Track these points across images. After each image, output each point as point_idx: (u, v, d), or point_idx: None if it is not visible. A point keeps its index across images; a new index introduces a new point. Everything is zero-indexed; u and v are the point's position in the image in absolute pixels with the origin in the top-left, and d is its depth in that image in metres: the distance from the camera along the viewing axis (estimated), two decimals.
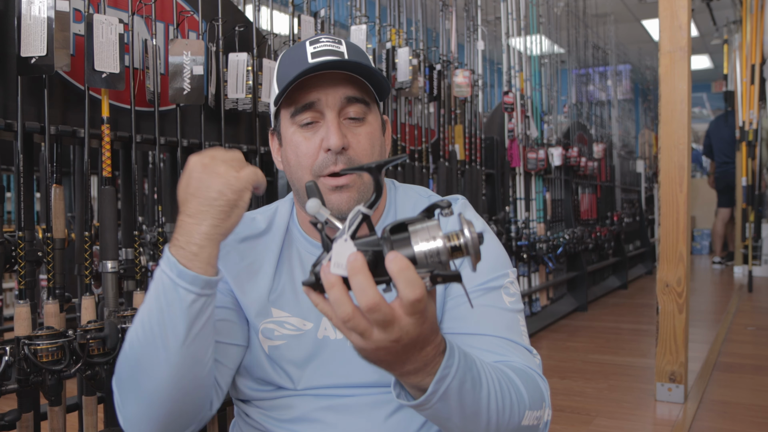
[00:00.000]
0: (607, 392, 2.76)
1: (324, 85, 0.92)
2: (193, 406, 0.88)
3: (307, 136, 0.93)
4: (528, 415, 0.83)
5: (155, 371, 0.83)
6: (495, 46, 4.44)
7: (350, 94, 0.93)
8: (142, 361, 0.83)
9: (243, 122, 1.91)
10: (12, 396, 1.33)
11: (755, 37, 5.65)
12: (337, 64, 0.91)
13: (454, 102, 3.29)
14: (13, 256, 1.35)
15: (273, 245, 1.01)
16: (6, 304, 4.03)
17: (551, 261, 4.22)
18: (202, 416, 0.92)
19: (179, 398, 0.85)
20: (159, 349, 0.82)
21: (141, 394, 0.85)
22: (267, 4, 2.05)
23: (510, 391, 0.81)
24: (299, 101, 0.93)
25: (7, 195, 3.91)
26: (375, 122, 0.97)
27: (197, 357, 0.84)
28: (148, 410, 0.85)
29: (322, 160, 0.92)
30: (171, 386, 0.83)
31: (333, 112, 0.92)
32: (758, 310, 4.83)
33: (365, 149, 0.94)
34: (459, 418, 0.76)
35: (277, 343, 0.96)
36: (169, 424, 0.87)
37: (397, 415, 0.93)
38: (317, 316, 0.96)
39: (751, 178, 5.82)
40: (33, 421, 1.39)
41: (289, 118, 0.95)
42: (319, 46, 0.94)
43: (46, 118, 1.39)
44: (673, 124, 2.58)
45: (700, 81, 11.28)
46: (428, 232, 0.64)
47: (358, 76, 0.93)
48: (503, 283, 0.94)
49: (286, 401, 0.96)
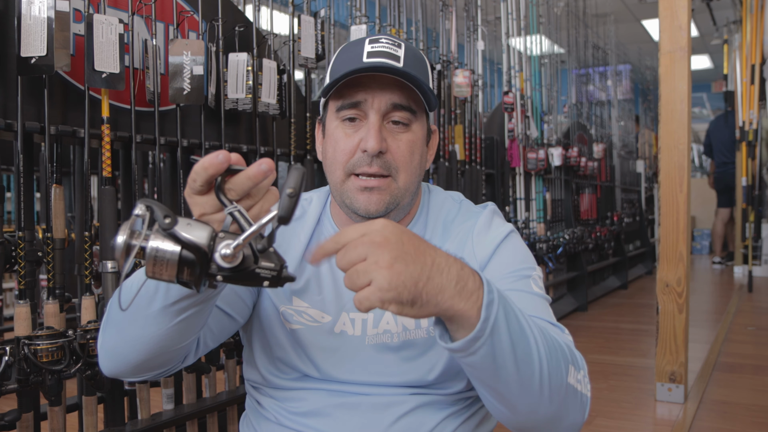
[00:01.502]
0: (607, 392, 2.76)
1: (373, 86, 0.92)
2: (167, 360, 0.89)
3: (348, 132, 0.94)
4: (571, 371, 0.78)
5: (138, 325, 0.82)
6: (495, 46, 4.43)
7: (397, 101, 0.92)
8: (129, 311, 0.82)
9: (243, 122, 1.91)
10: (12, 396, 1.33)
11: (755, 37, 5.65)
12: (387, 69, 0.90)
13: (454, 102, 3.29)
14: (13, 256, 1.35)
15: (302, 234, 1.01)
16: (6, 304, 4.03)
17: (551, 261, 4.21)
18: (173, 367, 0.92)
19: (155, 353, 0.85)
20: (144, 315, 0.80)
21: (121, 335, 0.84)
22: (267, 4, 2.05)
23: (549, 336, 0.78)
24: (347, 98, 0.93)
25: (7, 195, 3.91)
26: (419, 131, 0.96)
27: (181, 334, 0.83)
28: (123, 350, 0.85)
29: (357, 159, 0.93)
30: (149, 342, 0.83)
31: (377, 115, 0.92)
32: (758, 310, 4.83)
33: (404, 156, 0.94)
34: (512, 361, 0.72)
35: (295, 327, 0.97)
36: (139, 365, 0.87)
37: (409, 417, 0.93)
38: (337, 311, 0.97)
39: (751, 179, 5.82)
40: (33, 421, 1.39)
41: (334, 112, 0.95)
42: (377, 46, 0.93)
43: (46, 118, 1.39)
44: (673, 124, 2.58)
45: (700, 81, 11.28)
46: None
47: (409, 84, 0.92)
48: (532, 275, 0.95)
49: (300, 394, 0.97)
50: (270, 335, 0.98)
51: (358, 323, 0.96)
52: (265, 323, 0.99)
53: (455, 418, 0.96)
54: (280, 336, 0.98)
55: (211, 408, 1.73)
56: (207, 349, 0.97)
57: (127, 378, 0.91)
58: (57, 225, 1.44)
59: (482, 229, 0.99)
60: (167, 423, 1.63)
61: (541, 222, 4.36)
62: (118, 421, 1.57)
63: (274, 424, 0.98)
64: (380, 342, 0.95)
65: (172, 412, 1.67)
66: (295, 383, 0.98)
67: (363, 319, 0.96)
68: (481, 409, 1.01)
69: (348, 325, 0.96)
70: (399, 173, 0.94)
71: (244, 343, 1.06)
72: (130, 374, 0.89)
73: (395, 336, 0.95)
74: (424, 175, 1.02)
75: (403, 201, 0.96)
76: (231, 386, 1.81)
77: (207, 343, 0.96)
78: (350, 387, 0.95)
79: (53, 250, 1.43)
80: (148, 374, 0.90)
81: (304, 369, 0.97)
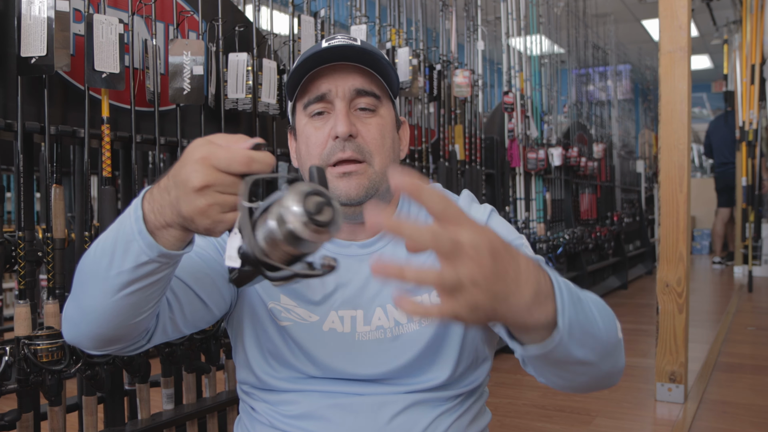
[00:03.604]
0: (607, 392, 2.75)
1: (335, 75, 0.95)
2: (123, 335, 0.84)
3: (317, 125, 0.96)
4: (618, 327, 0.81)
5: (93, 294, 0.79)
6: (495, 46, 4.43)
7: (359, 86, 0.95)
8: (87, 279, 0.80)
9: (243, 122, 1.91)
10: (12, 396, 1.33)
11: (755, 37, 5.65)
12: (346, 50, 0.93)
13: (454, 102, 3.29)
14: (13, 256, 1.35)
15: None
16: (6, 304, 4.03)
17: (551, 261, 4.21)
18: (137, 344, 0.89)
19: (109, 325, 0.81)
20: (100, 280, 0.77)
21: (80, 304, 0.82)
22: (267, 4, 2.05)
23: (597, 302, 0.78)
24: (312, 92, 0.96)
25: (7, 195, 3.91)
26: (387, 116, 0.99)
27: (134, 307, 0.79)
28: (79, 319, 0.83)
29: (330, 148, 0.94)
30: (102, 313, 0.79)
31: (342, 101, 0.95)
32: (758, 310, 4.83)
33: (375, 138, 0.96)
34: (582, 346, 0.71)
35: (284, 324, 0.97)
36: (94, 337, 0.84)
37: (403, 416, 0.93)
38: (324, 311, 0.96)
39: (751, 178, 5.82)
40: (33, 421, 1.39)
41: (302, 110, 0.98)
42: (334, 41, 0.96)
43: (46, 118, 1.39)
44: (673, 124, 2.58)
45: (700, 81, 11.28)
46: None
47: (370, 70, 0.95)
48: (523, 242, 0.98)
49: (293, 396, 0.96)
50: (261, 331, 0.98)
51: (347, 321, 0.96)
52: (254, 319, 0.99)
53: (449, 415, 0.96)
54: (271, 332, 0.97)
55: (211, 408, 1.73)
56: (179, 333, 0.93)
57: (88, 349, 0.87)
58: (57, 225, 1.44)
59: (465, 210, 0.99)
60: (167, 423, 1.63)
61: (541, 222, 4.36)
62: (118, 421, 1.57)
63: (268, 428, 0.97)
64: (373, 338, 0.96)
65: (172, 412, 1.67)
66: (288, 384, 0.97)
67: (352, 316, 0.96)
68: (474, 405, 1.02)
69: (337, 323, 0.96)
70: (373, 157, 0.96)
71: (235, 345, 1.04)
72: (89, 345, 0.85)
73: (388, 331, 0.96)
74: (399, 162, 1.03)
75: (381, 186, 0.97)
76: (231, 386, 1.81)
77: (178, 326, 0.91)
78: (343, 387, 0.95)
79: (53, 250, 1.43)
80: (108, 348, 0.87)
81: (298, 365, 0.96)
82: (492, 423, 1.07)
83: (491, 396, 1.09)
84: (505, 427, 2.35)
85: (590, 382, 0.81)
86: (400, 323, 0.96)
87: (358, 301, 0.97)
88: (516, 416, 2.46)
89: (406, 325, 0.96)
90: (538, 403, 2.62)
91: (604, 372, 0.80)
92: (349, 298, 0.97)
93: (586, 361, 0.74)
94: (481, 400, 1.04)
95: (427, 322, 0.96)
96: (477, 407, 1.02)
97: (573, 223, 4.93)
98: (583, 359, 0.73)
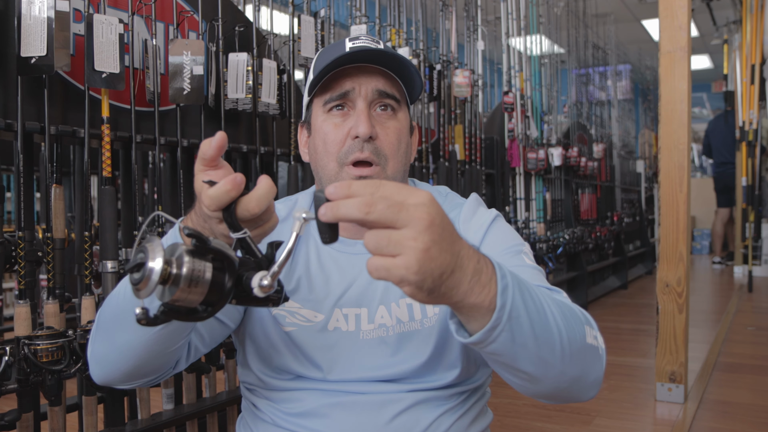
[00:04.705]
0: (607, 392, 2.75)
1: (359, 75, 0.95)
2: (157, 367, 0.90)
3: (336, 123, 0.96)
4: (588, 331, 0.78)
5: (126, 331, 0.83)
6: (495, 46, 4.44)
7: (382, 88, 0.96)
8: (117, 317, 0.83)
9: (243, 122, 1.91)
10: (12, 396, 1.33)
11: (755, 37, 5.65)
12: (373, 52, 0.93)
13: (454, 102, 3.29)
14: (13, 256, 1.35)
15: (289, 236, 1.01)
16: (6, 304, 4.03)
17: (551, 261, 4.21)
18: (164, 373, 0.93)
19: (145, 359, 0.85)
20: (131, 320, 0.78)
21: (110, 342, 0.85)
22: (267, 4, 2.05)
23: (562, 304, 0.77)
24: (334, 90, 0.96)
25: (7, 195, 3.91)
26: (404, 120, 1.00)
27: (170, 338, 0.84)
28: (113, 357, 0.86)
29: (348, 147, 0.95)
30: (138, 348, 0.83)
31: (364, 102, 0.95)
32: (758, 310, 4.83)
33: (392, 142, 0.97)
34: (533, 340, 0.70)
35: (288, 329, 0.97)
36: (129, 372, 0.88)
37: (405, 415, 0.93)
38: (329, 309, 0.97)
39: (750, 178, 5.82)
40: (33, 421, 1.39)
41: (321, 107, 0.98)
42: (358, 42, 0.96)
43: (46, 118, 1.39)
44: (673, 124, 2.58)
45: (700, 81, 11.28)
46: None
47: (393, 74, 0.97)
48: (523, 249, 0.97)
49: (296, 394, 0.97)
50: (264, 338, 0.98)
51: (351, 319, 0.96)
52: (258, 326, 0.99)
53: (451, 414, 0.96)
54: (275, 338, 0.97)
55: (211, 408, 1.73)
56: (199, 355, 0.98)
57: (118, 385, 0.92)
58: (57, 225, 1.44)
59: (468, 216, 1.01)
60: (167, 423, 1.63)
61: (541, 222, 4.36)
62: (118, 421, 1.57)
63: (271, 426, 0.98)
64: (376, 336, 0.95)
65: (172, 412, 1.67)
66: (290, 383, 0.97)
67: (357, 314, 0.96)
68: (476, 404, 1.01)
69: (342, 322, 0.96)
70: (388, 161, 0.96)
71: (237, 346, 1.05)
72: (121, 381, 0.90)
73: (390, 329, 0.96)
74: (409, 167, 1.04)
75: None
76: (231, 386, 1.81)
77: (198, 349, 0.96)
78: (346, 386, 0.95)
79: (53, 250, 1.43)
80: (139, 381, 0.91)
81: (301, 370, 0.96)
82: (492, 423, 1.07)
83: (491, 396, 1.09)
84: (505, 427, 2.36)
85: (555, 386, 0.77)
86: (402, 321, 0.96)
87: (362, 299, 0.97)
88: (516, 416, 2.46)
89: (407, 324, 0.96)
90: (538, 403, 2.61)
91: (570, 377, 0.76)
92: (353, 296, 0.97)
93: (542, 357, 0.72)
94: (482, 400, 1.04)
95: (428, 322, 0.96)
96: (479, 407, 1.02)
97: (573, 223, 4.93)
98: (537, 355, 0.72)
